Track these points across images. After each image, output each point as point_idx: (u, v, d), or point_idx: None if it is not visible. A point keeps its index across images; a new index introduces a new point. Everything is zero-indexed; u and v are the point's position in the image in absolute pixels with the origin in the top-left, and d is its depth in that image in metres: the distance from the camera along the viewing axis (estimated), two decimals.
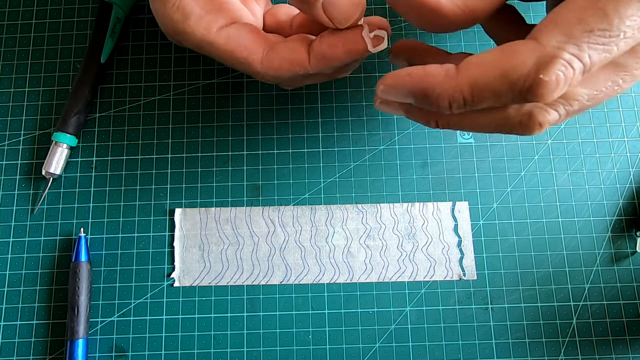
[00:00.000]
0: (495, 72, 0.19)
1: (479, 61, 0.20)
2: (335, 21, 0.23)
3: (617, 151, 0.34)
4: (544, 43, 0.18)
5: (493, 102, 0.20)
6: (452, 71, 0.20)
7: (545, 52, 0.18)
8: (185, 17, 0.25)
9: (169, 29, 0.26)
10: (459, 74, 0.20)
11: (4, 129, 0.35)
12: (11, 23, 0.37)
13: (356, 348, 0.32)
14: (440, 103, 0.21)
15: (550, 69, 0.18)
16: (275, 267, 0.33)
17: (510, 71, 0.19)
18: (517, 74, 0.19)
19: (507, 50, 0.19)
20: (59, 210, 0.34)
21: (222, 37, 0.26)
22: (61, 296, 0.32)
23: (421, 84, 0.21)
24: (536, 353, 0.32)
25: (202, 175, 0.34)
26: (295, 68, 0.26)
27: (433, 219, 0.33)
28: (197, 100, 0.35)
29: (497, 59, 0.19)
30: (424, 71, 0.21)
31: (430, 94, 0.21)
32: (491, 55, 0.20)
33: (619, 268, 0.33)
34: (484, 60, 0.20)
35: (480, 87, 0.20)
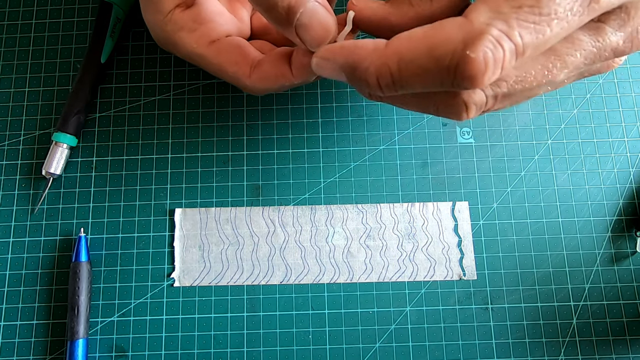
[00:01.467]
0: (422, 46, 0.19)
1: (408, 35, 0.19)
2: (307, 44, 0.24)
3: (617, 151, 0.34)
4: (472, 19, 0.18)
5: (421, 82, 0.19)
6: (381, 44, 0.20)
7: (472, 28, 0.18)
8: (177, 29, 0.26)
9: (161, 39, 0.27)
10: (388, 46, 0.20)
11: (4, 129, 0.35)
12: (11, 23, 0.37)
13: (356, 348, 0.32)
14: (369, 79, 0.20)
15: (478, 45, 0.17)
16: (275, 267, 0.33)
17: (437, 46, 0.18)
18: (443, 50, 0.18)
19: (436, 26, 0.19)
20: (59, 210, 0.34)
21: (212, 51, 0.26)
22: (61, 296, 0.32)
23: (351, 57, 0.21)
24: (536, 353, 0.32)
25: (202, 175, 0.34)
26: (280, 81, 0.27)
27: (433, 219, 0.33)
28: (197, 100, 0.35)
29: (425, 33, 0.19)
30: (355, 44, 0.21)
31: (358, 67, 0.21)
32: (422, 30, 0.19)
33: (619, 268, 0.33)
34: (413, 34, 0.19)
35: (407, 62, 0.19)
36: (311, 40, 0.24)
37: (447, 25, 0.18)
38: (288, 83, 0.27)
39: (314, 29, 0.23)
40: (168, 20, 0.26)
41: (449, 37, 0.18)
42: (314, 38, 0.23)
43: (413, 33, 0.19)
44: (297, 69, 0.26)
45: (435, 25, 0.19)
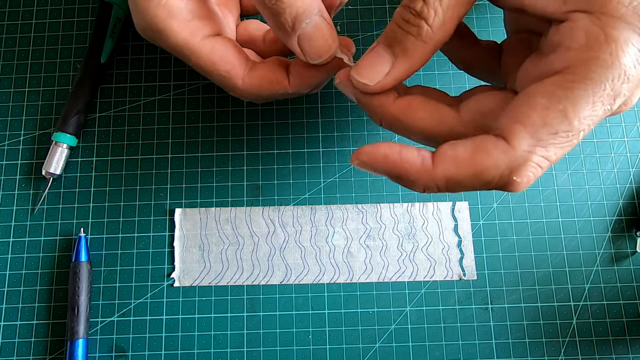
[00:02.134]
0: (469, 171, 0.20)
1: (453, 155, 0.21)
2: (307, 57, 0.24)
3: (617, 151, 0.34)
4: (515, 146, 0.20)
5: (466, 191, 0.22)
6: (427, 162, 0.21)
7: (517, 157, 0.20)
8: (170, 15, 0.24)
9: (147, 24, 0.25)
10: (435, 168, 0.21)
11: (4, 129, 0.35)
12: (11, 23, 0.37)
13: (356, 348, 0.32)
14: (415, 188, 0.22)
15: (523, 172, 0.20)
16: (275, 267, 0.33)
17: (484, 173, 0.20)
18: (490, 176, 0.20)
19: (480, 148, 0.20)
20: (59, 210, 0.34)
21: (206, 46, 0.25)
22: (61, 296, 0.32)
23: (396, 169, 0.22)
24: (536, 353, 0.32)
25: (202, 175, 0.34)
26: (274, 87, 0.26)
27: (433, 219, 0.33)
28: (197, 100, 0.35)
29: (471, 157, 0.20)
30: (400, 157, 0.21)
31: (404, 179, 0.22)
32: (465, 151, 0.21)
33: (619, 268, 0.33)
34: (458, 156, 0.21)
35: (455, 183, 0.21)
36: (312, 53, 0.24)
37: (491, 151, 0.20)
38: (282, 91, 0.26)
39: (316, 41, 0.23)
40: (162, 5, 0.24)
41: (496, 165, 0.20)
42: (315, 51, 0.24)
43: (457, 154, 0.21)
44: (295, 79, 0.26)
45: (479, 148, 0.20)
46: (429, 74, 0.36)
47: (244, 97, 0.27)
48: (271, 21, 0.23)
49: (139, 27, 0.26)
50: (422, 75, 0.35)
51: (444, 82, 0.35)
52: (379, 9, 0.37)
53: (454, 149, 0.21)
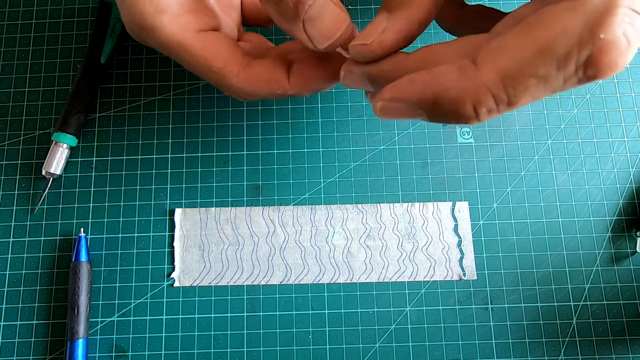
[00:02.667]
0: (529, 51, 0.15)
1: (502, 45, 0.15)
2: (314, 40, 0.21)
3: (617, 151, 0.34)
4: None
5: (536, 95, 0.15)
6: (468, 66, 0.16)
7: (595, 6, 0.14)
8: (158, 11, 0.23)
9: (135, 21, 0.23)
10: (481, 67, 0.16)
11: (4, 129, 0.35)
12: (11, 23, 0.37)
13: (356, 348, 0.32)
14: (462, 109, 0.16)
15: (612, 23, 0.14)
16: (275, 267, 0.33)
17: (552, 45, 0.14)
18: (563, 46, 0.14)
19: (534, 21, 0.15)
20: (59, 210, 0.34)
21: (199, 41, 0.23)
22: (61, 296, 0.32)
23: (430, 90, 0.17)
24: (536, 353, 0.32)
25: (202, 175, 0.34)
26: (272, 87, 0.24)
27: (433, 219, 0.33)
28: (197, 100, 0.35)
29: (525, 35, 0.15)
30: (430, 74, 0.17)
31: (444, 99, 0.17)
32: (515, 34, 0.15)
33: (619, 268, 0.33)
34: (508, 42, 0.15)
35: (515, 78, 0.15)
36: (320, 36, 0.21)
37: (552, 14, 0.14)
38: (280, 91, 0.24)
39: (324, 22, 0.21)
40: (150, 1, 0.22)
41: (565, 27, 0.14)
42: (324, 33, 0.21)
43: (505, 41, 0.15)
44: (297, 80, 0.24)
45: (535, 21, 0.15)
46: None
47: (239, 96, 0.25)
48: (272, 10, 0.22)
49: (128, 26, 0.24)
50: None
51: None
52: (378, 8, 0.37)
53: (500, 39, 0.15)
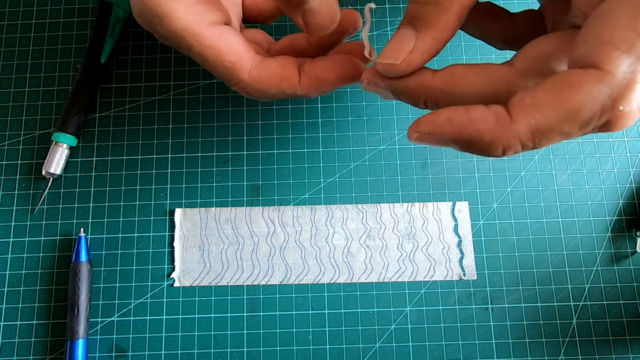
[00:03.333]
0: (559, 113, 0.17)
1: (535, 100, 0.17)
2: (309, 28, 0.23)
3: (617, 151, 0.34)
4: (612, 70, 0.16)
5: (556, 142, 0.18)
6: (504, 117, 0.18)
7: (617, 82, 0.16)
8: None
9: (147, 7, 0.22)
10: (515, 121, 0.18)
11: (4, 129, 0.35)
12: (11, 23, 0.37)
13: (356, 348, 0.32)
14: (492, 151, 0.18)
15: (630, 98, 0.16)
16: (275, 267, 0.33)
17: (579, 111, 0.17)
18: (588, 112, 0.17)
19: (565, 84, 0.17)
20: (59, 210, 0.34)
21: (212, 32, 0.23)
22: (61, 296, 0.32)
23: (466, 132, 0.18)
24: (536, 353, 0.32)
25: (202, 175, 0.34)
26: (283, 85, 0.24)
27: (433, 219, 0.33)
28: (197, 100, 0.35)
29: (558, 96, 0.17)
30: (468, 117, 0.18)
31: (478, 142, 0.18)
32: (546, 92, 0.17)
33: (619, 268, 0.33)
34: (541, 100, 0.17)
35: (543, 133, 0.17)
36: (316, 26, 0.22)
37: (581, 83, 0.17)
38: (291, 90, 0.25)
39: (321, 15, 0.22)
40: None
41: (592, 98, 0.16)
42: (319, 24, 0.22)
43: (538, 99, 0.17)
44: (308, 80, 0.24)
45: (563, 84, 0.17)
46: None
47: (248, 93, 0.25)
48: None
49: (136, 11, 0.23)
50: None
51: None
52: (379, 9, 0.37)
53: (532, 95, 0.17)
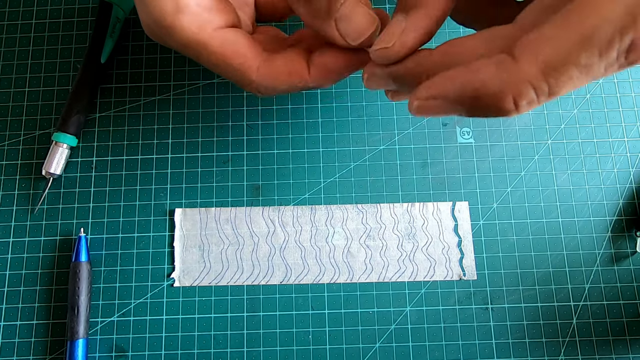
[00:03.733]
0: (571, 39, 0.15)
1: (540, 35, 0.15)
2: (348, 38, 0.22)
3: (617, 151, 0.34)
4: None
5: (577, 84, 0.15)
6: (506, 60, 0.16)
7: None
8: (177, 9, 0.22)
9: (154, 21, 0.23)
10: (520, 60, 0.16)
11: (4, 129, 0.35)
12: (11, 23, 0.37)
13: (356, 348, 0.32)
14: (502, 103, 0.16)
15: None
16: (275, 267, 0.33)
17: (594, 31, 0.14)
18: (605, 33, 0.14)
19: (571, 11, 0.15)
20: (59, 210, 0.34)
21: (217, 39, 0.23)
22: (61, 296, 0.32)
23: (470, 85, 0.17)
24: (536, 353, 0.32)
25: (202, 175, 0.34)
26: (293, 79, 0.24)
27: (433, 219, 0.33)
28: (197, 100, 0.35)
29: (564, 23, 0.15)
30: (468, 69, 0.17)
31: (483, 96, 0.17)
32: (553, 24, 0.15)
33: (619, 268, 0.33)
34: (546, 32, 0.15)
35: (557, 68, 0.15)
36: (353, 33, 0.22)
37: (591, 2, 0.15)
38: (301, 84, 0.24)
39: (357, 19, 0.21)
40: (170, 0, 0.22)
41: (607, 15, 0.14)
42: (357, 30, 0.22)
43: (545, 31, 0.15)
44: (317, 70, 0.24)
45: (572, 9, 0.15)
46: None
47: (260, 92, 0.25)
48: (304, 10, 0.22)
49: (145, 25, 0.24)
50: None
51: None
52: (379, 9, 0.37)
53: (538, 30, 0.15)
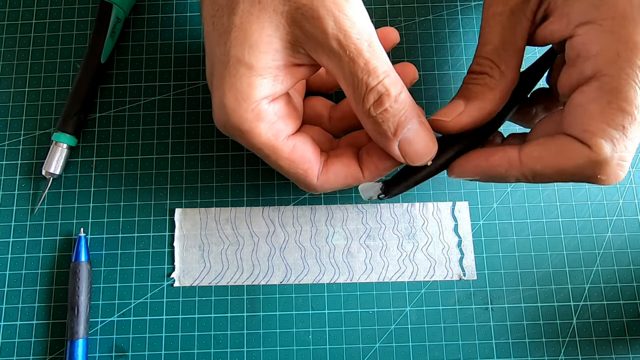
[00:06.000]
0: (553, 168, 0.23)
1: (538, 155, 0.24)
2: (408, 159, 0.25)
3: None
4: (597, 152, 0.22)
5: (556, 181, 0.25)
6: (515, 162, 0.24)
7: (599, 160, 0.22)
8: (257, 118, 0.24)
9: (232, 124, 0.24)
10: (522, 165, 0.24)
11: (4, 129, 0.35)
12: (11, 23, 0.37)
13: (356, 348, 0.32)
14: (505, 182, 0.26)
15: (608, 172, 0.22)
16: (275, 267, 0.33)
17: (566, 172, 0.23)
18: (573, 174, 0.23)
19: (561, 152, 0.23)
20: (59, 210, 0.34)
21: (288, 146, 0.25)
22: (61, 296, 0.32)
23: (489, 173, 0.25)
24: (536, 353, 0.32)
25: (202, 175, 0.34)
26: (350, 182, 0.27)
27: (433, 219, 0.33)
28: (197, 100, 0.35)
29: (553, 157, 0.23)
30: (488, 163, 0.25)
31: (496, 177, 0.25)
32: (548, 152, 0.23)
33: (619, 268, 0.33)
34: (541, 156, 0.24)
35: (542, 176, 0.24)
36: (414, 156, 0.25)
37: (572, 153, 0.23)
38: (356, 183, 0.27)
39: (418, 145, 0.25)
40: (252, 109, 0.24)
41: (578, 167, 0.23)
42: (417, 155, 0.25)
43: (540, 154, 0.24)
44: (370, 172, 0.27)
45: (561, 152, 0.23)
46: (429, 73, 0.36)
47: (316, 191, 0.28)
48: (372, 127, 0.25)
49: (219, 122, 0.25)
50: (422, 75, 0.35)
51: (444, 82, 0.35)
52: (379, 9, 0.37)
53: (538, 150, 0.24)
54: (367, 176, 0.27)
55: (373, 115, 0.24)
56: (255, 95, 0.24)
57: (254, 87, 0.24)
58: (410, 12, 0.37)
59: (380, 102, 0.23)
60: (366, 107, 0.24)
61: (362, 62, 0.23)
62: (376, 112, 0.24)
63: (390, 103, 0.23)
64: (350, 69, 0.23)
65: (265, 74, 0.24)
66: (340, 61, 0.23)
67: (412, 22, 0.37)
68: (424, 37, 0.36)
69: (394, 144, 0.24)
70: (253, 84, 0.23)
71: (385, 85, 0.23)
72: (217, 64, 0.24)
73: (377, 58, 0.23)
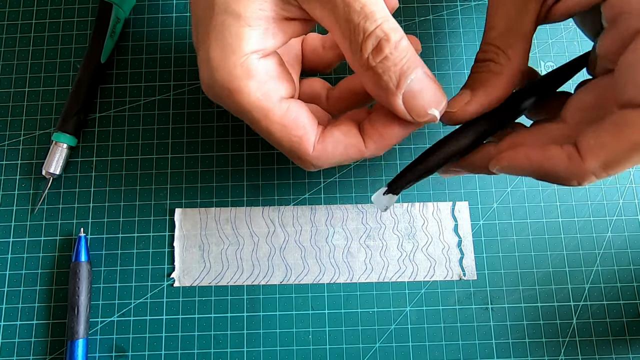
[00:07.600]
0: (624, 148, 0.19)
1: (599, 142, 0.20)
2: (414, 114, 0.22)
3: None
4: None
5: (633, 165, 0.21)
6: (575, 157, 0.20)
7: None
8: (247, 75, 0.22)
9: (219, 82, 0.23)
10: (586, 159, 0.20)
11: (4, 129, 0.35)
12: (11, 23, 0.37)
13: (356, 348, 0.32)
14: (568, 183, 0.21)
15: None
16: (275, 267, 0.33)
17: None
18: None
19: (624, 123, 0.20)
20: (59, 210, 0.34)
21: (281, 108, 0.23)
22: (61, 296, 0.32)
23: (542, 168, 0.21)
24: (536, 353, 0.32)
25: (202, 175, 0.34)
26: (350, 152, 0.24)
27: (433, 219, 0.33)
28: (197, 100, 0.35)
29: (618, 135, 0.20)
30: (544, 155, 0.21)
31: (553, 176, 0.21)
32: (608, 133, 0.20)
33: (619, 268, 0.33)
34: (604, 140, 0.20)
35: (613, 166, 0.20)
36: (421, 110, 0.22)
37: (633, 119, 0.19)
38: (358, 156, 0.24)
39: (425, 96, 0.22)
40: (240, 64, 0.22)
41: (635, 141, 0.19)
42: (423, 106, 0.22)
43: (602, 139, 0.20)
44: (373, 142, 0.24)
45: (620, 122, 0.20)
46: None
47: (313, 165, 0.25)
48: (371, 80, 0.22)
49: (206, 84, 0.24)
50: None
51: (444, 82, 0.35)
52: None
53: (596, 137, 0.20)
54: (370, 146, 0.24)
55: (372, 66, 0.21)
56: (244, 47, 0.22)
57: (242, 38, 0.22)
58: (410, 12, 0.37)
59: (380, 48, 0.21)
60: (364, 57, 0.21)
61: (359, 5, 0.21)
62: (375, 61, 0.21)
63: (391, 49, 0.21)
64: (346, 15, 0.21)
65: (254, 25, 0.22)
66: (334, 7, 0.21)
67: (412, 22, 0.37)
68: (424, 37, 0.36)
69: (398, 97, 0.22)
70: (241, 35, 0.22)
71: (384, 29, 0.21)
72: (202, 18, 0.23)
73: (374, 2, 0.21)
